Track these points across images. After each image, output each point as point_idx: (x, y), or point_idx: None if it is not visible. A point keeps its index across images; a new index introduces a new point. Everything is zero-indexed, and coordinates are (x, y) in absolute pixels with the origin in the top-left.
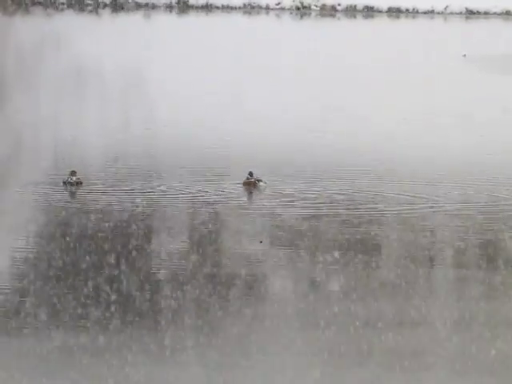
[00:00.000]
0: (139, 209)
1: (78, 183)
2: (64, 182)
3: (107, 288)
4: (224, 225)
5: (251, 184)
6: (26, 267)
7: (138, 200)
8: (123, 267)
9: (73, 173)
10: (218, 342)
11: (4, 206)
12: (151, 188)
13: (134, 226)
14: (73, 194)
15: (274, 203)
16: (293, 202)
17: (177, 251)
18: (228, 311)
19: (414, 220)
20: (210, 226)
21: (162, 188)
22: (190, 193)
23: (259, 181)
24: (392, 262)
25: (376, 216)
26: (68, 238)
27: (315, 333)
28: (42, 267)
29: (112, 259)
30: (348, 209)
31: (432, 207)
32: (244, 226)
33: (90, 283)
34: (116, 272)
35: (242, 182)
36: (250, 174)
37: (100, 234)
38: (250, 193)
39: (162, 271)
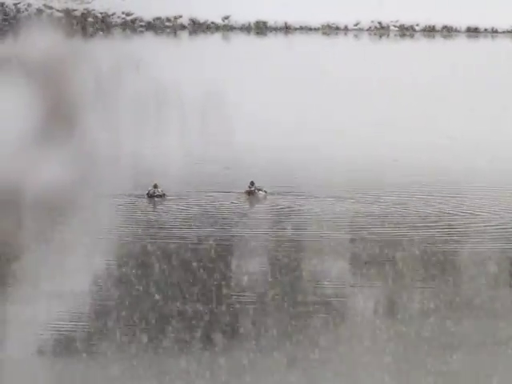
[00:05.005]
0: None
1: (162, 195)
2: (148, 195)
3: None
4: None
5: (251, 193)
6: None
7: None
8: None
9: (156, 185)
10: None
11: (97, 218)
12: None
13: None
14: (156, 205)
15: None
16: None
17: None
18: None
19: None
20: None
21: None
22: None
23: (259, 190)
24: None
25: None
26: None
27: None
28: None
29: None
30: None
31: None
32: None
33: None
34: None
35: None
36: (252, 183)
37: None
38: (251, 202)
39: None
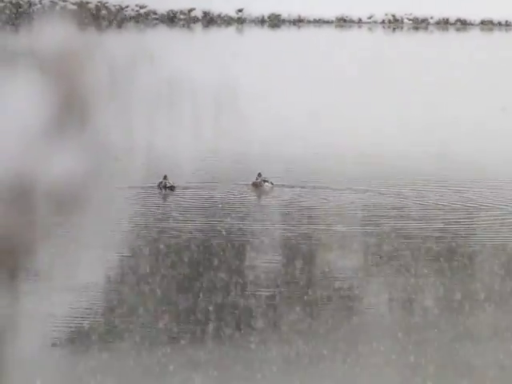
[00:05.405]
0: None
1: (172, 187)
2: (160, 186)
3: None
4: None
5: (257, 184)
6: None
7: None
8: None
9: (165, 177)
10: None
11: (116, 207)
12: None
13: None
14: (166, 197)
15: None
16: None
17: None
18: None
19: None
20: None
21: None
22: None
23: (265, 181)
24: None
25: None
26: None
27: None
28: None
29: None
30: None
31: None
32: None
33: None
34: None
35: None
36: (259, 174)
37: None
38: (257, 193)
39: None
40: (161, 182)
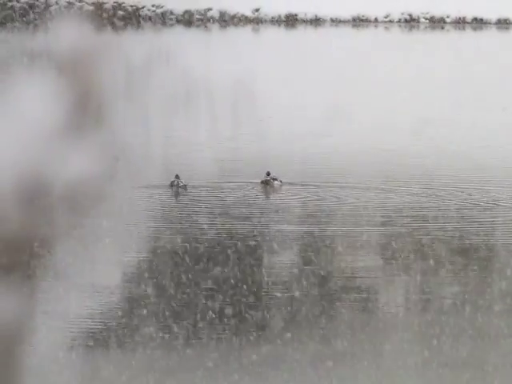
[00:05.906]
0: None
1: (184, 186)
2: (171, 185)
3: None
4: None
5: (267, 182)
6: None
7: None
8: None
9: (177, 176)
10: None
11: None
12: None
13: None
14: (178, 196)
15: None
16: None
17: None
18: None
19: None
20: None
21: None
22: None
23: (274, 179)
24: None
25: None
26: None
27: None
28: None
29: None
30: None
31: None
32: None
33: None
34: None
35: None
36: (268, 173)
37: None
38: (266, 192)
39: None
40: (173, 181)
